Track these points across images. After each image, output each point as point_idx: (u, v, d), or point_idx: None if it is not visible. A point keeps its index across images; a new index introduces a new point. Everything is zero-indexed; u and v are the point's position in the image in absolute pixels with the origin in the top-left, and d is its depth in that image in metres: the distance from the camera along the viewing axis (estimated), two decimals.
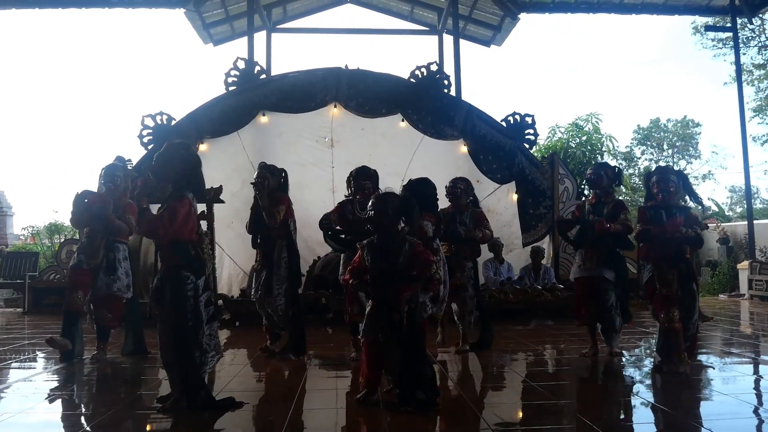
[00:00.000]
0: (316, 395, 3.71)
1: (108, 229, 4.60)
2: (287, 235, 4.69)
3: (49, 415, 3.26)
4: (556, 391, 3.64)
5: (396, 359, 3.18)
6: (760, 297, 9.49)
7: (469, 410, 3.24)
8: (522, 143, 8.23)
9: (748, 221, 10.79)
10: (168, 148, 3.30)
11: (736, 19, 11.83)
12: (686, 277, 3.97)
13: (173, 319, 3.14)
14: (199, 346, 3.15)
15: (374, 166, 8.11)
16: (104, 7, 10.39)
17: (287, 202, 4.70)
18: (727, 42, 18.85)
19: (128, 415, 3.18)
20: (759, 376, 4.16)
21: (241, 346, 5.63)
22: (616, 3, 11.13)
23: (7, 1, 10.21)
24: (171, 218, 3.08)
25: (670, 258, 3.90)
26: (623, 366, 4.50)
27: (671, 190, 4.01)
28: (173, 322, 3.13)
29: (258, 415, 3.28)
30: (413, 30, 12.70)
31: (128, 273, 4.73)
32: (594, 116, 13.97)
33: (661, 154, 28.48)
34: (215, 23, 11.33)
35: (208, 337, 3.20)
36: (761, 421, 3.02)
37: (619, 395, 3.55)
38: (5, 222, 16.75)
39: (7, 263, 9.27)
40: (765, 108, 20.89)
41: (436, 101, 8.07)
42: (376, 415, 3.10)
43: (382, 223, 3.23)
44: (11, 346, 5.42)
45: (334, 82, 7.90)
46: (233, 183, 7.89)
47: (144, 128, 7.72)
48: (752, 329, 6.54)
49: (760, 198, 26.56)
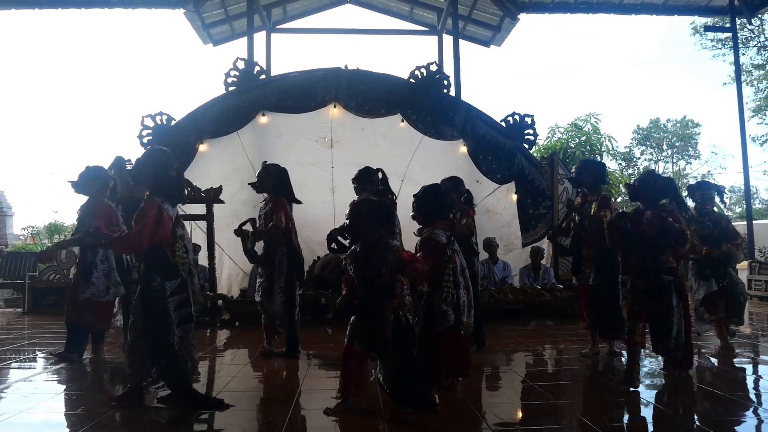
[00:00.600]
0: (316, 395, 3.71)
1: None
2: (287, 241, 4.71)
3: (49, 415, 3.26)
4: (556, 391, 3.65)
5: (387, 371, 3.16)
6: (759, 297, 9.49)
7: (469, 410, 3.24)
8: (521, 143, 8.24)
9: (747, 221, 10.80)
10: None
11: (735, 20, 11.83)
12: (665, 289, 3.66)
13: (140, 320, 3.23)
14: (170, 347, 3.17)
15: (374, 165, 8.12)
16: (104, 8, 10.38)
17: (283, 207, 4.72)
18: (727, 42, 18.91)
19: (128, 414, 3.18)
20: (759, 376, 4.17)
21: (241, 346, 5.63)
22: (615, 3, 11.14)
23: (7, 1, 10.21)
24: (141, 225, 3.14)
25: (646, 268, 3.71)
26: (623, 366, 4.50)
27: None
28: (140, 323, 3.23)
29: (258, 415, 3.28)
30: (413, 30, 12.71)
31: (109, 275, 4.73)
32: (593, 116, 14.00)
33: (661, 155, 28.57)
34: (215, 23, 11.34)
35: (180, 340, 3.21)
36: (761, 421, 3.02)
37: (619, 395, 3.55)
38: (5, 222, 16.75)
39: (7, 263, 9.27)
40: (764, 108, 20.93)
41: (435, 101, 8.08)
42: (376, 415, 3.11)
43: (358, 230, 3.19)
44: (11, 346, 5.42)
45: (334, 83, 7.91)
46: (233, 183, 7.89)
47: (144, 128, 7.72)
48: (752, 329, 6.54)
49: (759, 198, 26.66)
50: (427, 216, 3.61)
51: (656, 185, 3.83)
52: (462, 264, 3.60)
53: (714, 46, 20.04)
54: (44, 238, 15.57)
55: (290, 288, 4.74)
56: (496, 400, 3.67)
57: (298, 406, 3.35)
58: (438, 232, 3.50)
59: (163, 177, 3.31)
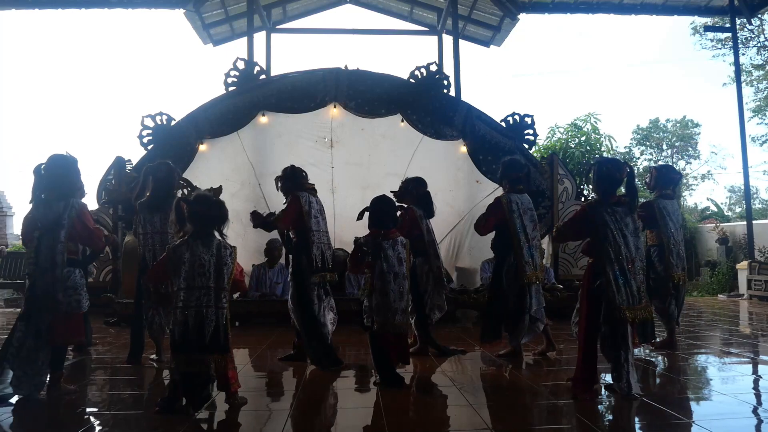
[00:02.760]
0: (316, 395, 3.71)
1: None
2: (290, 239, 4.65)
3: (49, 415, 3.26)
4: (556, 391, 3.65)
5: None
6: (759, 297, 9.50)
7: (469, 410, 3.25)
8: (521, 143, 8.24)
9: (747, 221, 10.80)
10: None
11: (735, 20, 11.84)
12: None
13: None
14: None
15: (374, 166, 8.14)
16: (104, 8, 10.39)
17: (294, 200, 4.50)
18: (726, 42, 18.89)
19: (128, 414, 3.18)
20: (758, 376, 4.18)
21: (241, 346, 5.62)
22: (615, 3, 11.14)
23: (7, 1, 10.22)
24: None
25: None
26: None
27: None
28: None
29: (258, 414, 3.28)
30: (413, 30, 12.71)
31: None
32: (593, 116, 13.96)
33: (661, 155, 28.53)
34: (215, 23, 11.34)
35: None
36: (761, 421, 3.03)
37: (619, 395, 3.55)
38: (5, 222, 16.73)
39: (7, 263, 9.28)
40: (764, 108, 20.92)
41: (435, 101, 8.09)
42: (376, 415, 3.11)
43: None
44: None
45: (334, 83, 7.92)
46: (233, 183, 7.90)
47: (144, 128, 7.73)
48: (751, 329, 6.55)
49: (759, 198, 26.63)
50: (373, 224, 3.94)
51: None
52: (394, 270, 3.80)
53: (714, 46, 20.02)
54: None
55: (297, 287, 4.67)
56: (496, 400, 3.67)
57: (298, 406, 3.35)
58: (364, 239, 3.89)
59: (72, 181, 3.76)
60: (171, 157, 7.89)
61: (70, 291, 3.56)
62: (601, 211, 3.44)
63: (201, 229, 3.22)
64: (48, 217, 3.53)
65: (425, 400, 3.59)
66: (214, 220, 3.25)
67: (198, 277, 3.12)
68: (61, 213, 3.53)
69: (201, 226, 3.22)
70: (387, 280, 3.77)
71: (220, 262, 3.18)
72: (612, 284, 3.32)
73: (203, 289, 3.11)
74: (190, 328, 3.06)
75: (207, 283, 3.12)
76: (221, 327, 3.12)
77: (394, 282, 3.79)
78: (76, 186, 3.73)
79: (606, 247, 3.36)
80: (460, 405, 3.37)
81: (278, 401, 3.65)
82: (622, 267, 3.34)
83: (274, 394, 3.83)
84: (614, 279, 3.33)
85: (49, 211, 3.55)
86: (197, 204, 3.24)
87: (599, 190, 3.56)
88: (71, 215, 3.56)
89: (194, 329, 3.06)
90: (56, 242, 3.49)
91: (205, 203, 3.26)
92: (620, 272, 3.34)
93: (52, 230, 3.51)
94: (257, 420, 3.18)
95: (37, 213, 3.57)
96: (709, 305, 8.91)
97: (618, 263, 3.34)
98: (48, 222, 3.52)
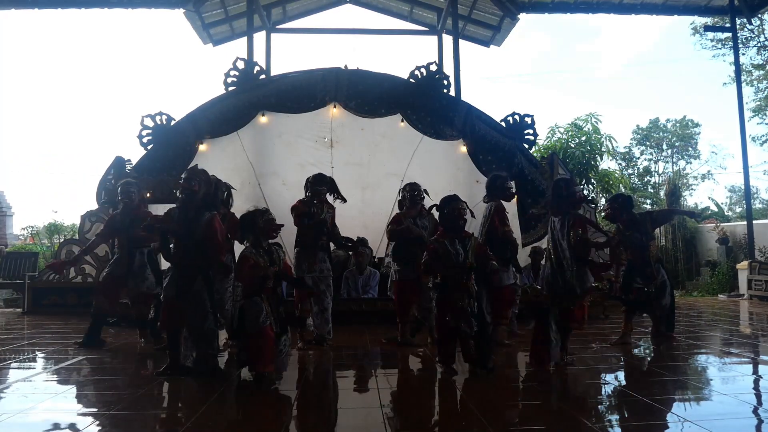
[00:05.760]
0: (316, 395, 3.71)
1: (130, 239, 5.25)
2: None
3: (49, 415, 3.26)
4: (555, 391, 3.64)
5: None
6: (759, 297, 9.49)
7: (469, 410, 3.24)
8: (521, 143, 8.24)
9: (748, 221, 10.79)
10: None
11: (735, 20, 11.83)
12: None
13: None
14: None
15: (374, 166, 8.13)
16: (104, 8, 10.38)
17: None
18: (727, 42, 18.87)
19: (128, 414, 3.18)
20: (758, 376, 4.17)
21: None
22: (615, 3, 11.14)
23: (7, 1, 10.22)
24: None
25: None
26: (622, 366, 4.50)
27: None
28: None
29: (257, 414, 3.28)
30: (413, 30, 12.71)
31: (156, 271, 5.34)
32: (593, 116, 13.94)
33: (661, 154, 28.52)
34: (215, 23, 11.34)
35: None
36: (761, 421, 3.02)
37: (619, 395, 3.55)
38: (5, 222, 16.73)
39: (6, 263, 9.26)
40: (764, 108, 20.91)
41: (435, 101, 8.09)
42: (376, 415, 3.11)
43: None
44: (11, 347, 5.42)
45: (334, 83, 7.92)
46: (233, 183, 7.78)
47: (143, 128, 7.73)
48: (751, 329, 6.55)
49: (760, 198, 26.62)
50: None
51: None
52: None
53: (714, 46, 20.00)
54: (44, 238, 15.53)
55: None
56: (496, 400, 3.66)
57: (297, 406, 3.35)
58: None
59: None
60: (171, 157, 7.93)
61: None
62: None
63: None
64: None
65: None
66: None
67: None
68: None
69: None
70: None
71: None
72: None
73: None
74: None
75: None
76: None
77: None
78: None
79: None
80: (459, 404, 3.36)
81: (278, 401, 3.64)
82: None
83: (275, 394, 3.82)
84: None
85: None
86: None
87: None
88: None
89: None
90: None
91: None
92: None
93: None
94: (257, 420, 3.18)
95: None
96: (709, 305, 8.90)
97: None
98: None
